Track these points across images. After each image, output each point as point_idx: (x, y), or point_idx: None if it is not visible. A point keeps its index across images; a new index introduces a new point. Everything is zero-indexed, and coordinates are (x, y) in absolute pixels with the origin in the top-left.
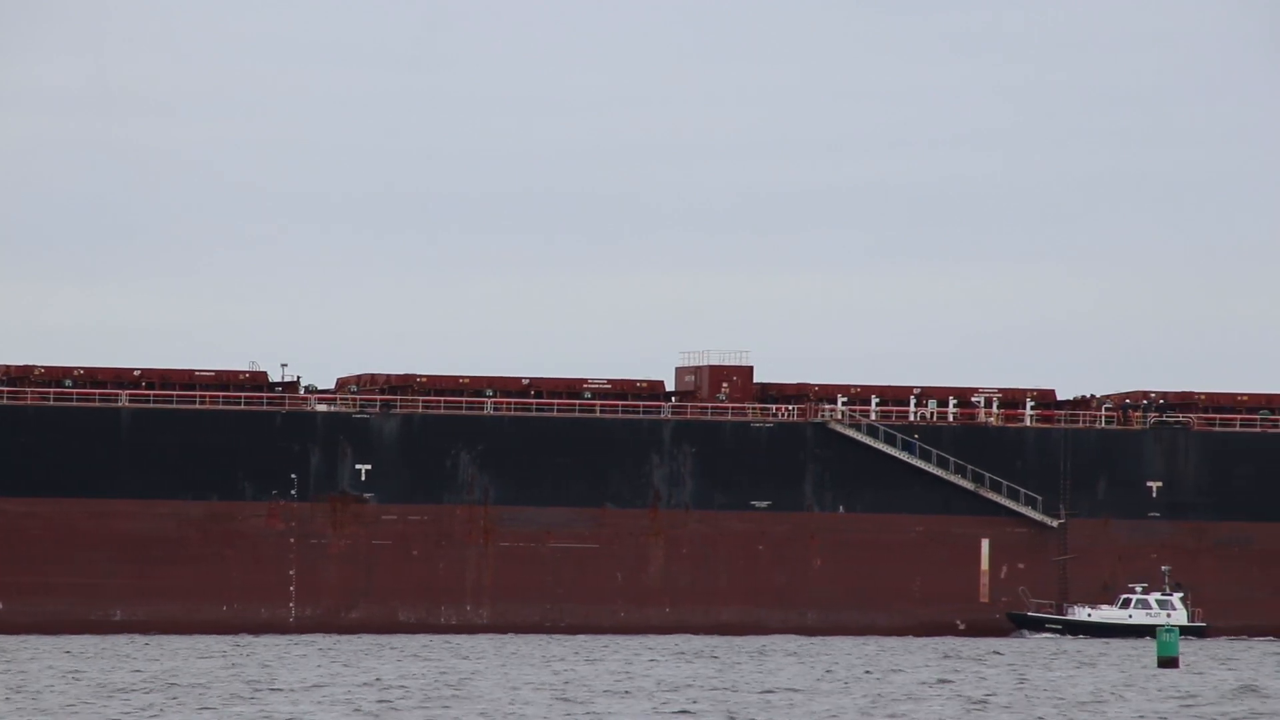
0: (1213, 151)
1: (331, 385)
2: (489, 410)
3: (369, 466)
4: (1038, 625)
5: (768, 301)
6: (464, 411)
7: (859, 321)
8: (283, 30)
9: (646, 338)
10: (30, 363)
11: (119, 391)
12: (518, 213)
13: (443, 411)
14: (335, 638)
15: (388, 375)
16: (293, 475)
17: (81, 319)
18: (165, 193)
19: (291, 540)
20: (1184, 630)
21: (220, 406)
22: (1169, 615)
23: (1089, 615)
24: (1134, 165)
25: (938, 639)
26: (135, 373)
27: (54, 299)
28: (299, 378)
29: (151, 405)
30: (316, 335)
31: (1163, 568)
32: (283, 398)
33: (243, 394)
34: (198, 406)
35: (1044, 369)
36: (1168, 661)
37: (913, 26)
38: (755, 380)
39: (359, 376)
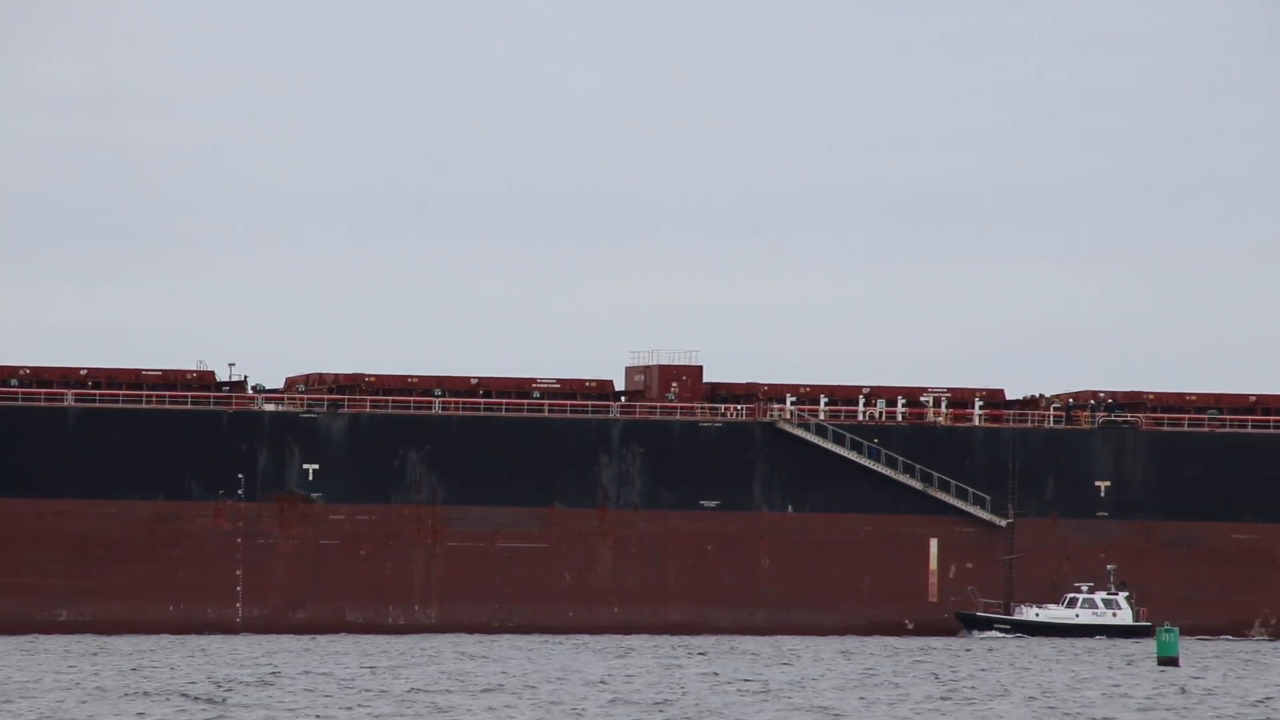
0: (1213, 151)
1: (280, 385)
2: (437, 410)
3: (316, 466)
4: (986, 625)
5: (718, 301)
6: (412, 411)
7: (825, 322)
8: (283, 30)
9: (597, 337)
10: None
11: (65, 391)
12: (474, 214)
13: (391, 411)
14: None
15: (336, 375)
16: (240, 475)
17: (81, 319)
18: (165, 193)
19: (238, 540)
20: (1129, 630)
21: (167, 406)
22: (1114, 615)
23: (1036, 615)
24: (1134, 165)
25: (889, 638)
26: (82, 372)
27: (54, 299)
28: (246, 377)
29: (98, 405)
30: (268, 334)
31: (1108, 567)
32: (230, 397)
33: (190, 393)
34: (144, 406)
35: (1015, 369)
36: (1168, 661)
37: (913, 26)
38: (705, 380)
39: (307, 376)
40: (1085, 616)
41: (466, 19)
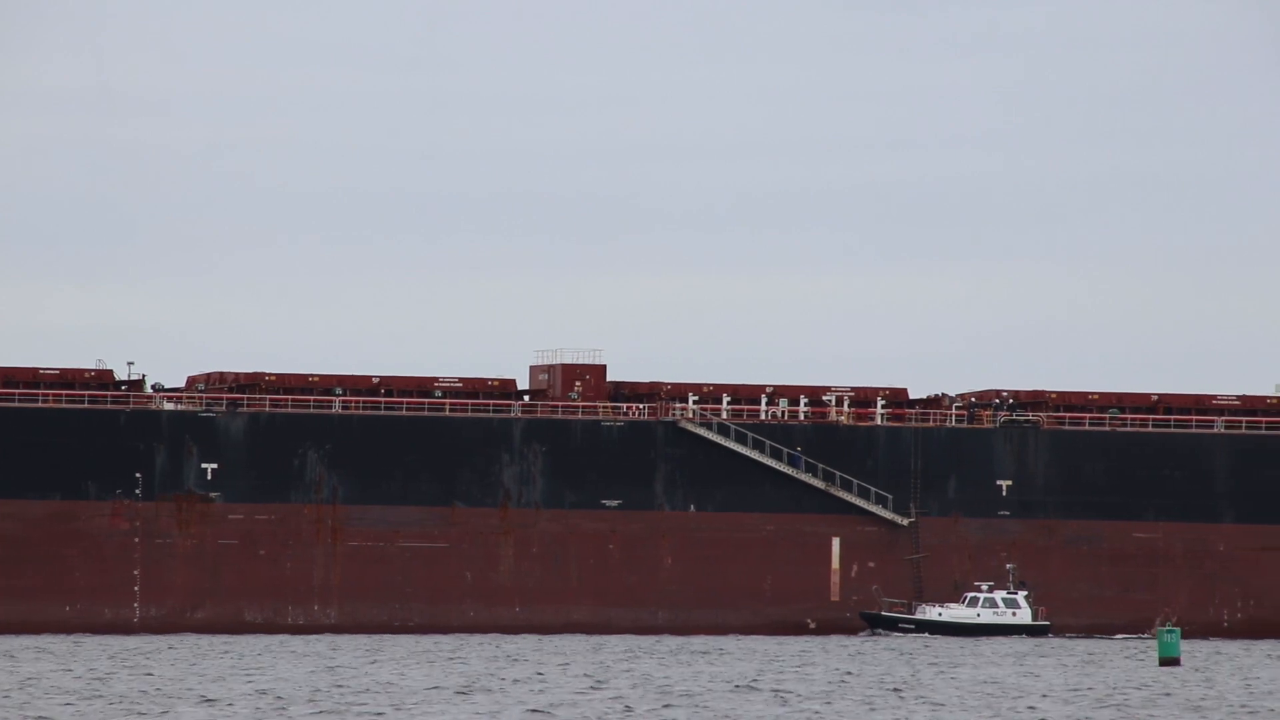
0: (1212, 151)
1: (182, 384)
2: (337, 409)
3: (215, 465)
4: (890, 625)
5: (622, 303)
6: (312, 410)
7: (735, 323)
8: (283, 30)
9: (502, 336)
10: None
11: None
12: (380, 214)
13: (290, 410)
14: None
15: (236, 374)
16: (137, 474)
17: (81, 319)
18: (165, 193)
19: (136, 540)
20: (1027, 629)
21: (64, 405)
22: (1014, 614)
23: (939, 614)
24: (1133, 165)
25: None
26: None
27: (53, 299)
28: (144, 376)
29: None
30: (171, 333)
31: (1008, 566)
32: (128, 396)
33: (87, 392)
34: (40, 405)
35: (920, 370)
36: (1169, 661)
37: (912, 26)
38: (608, 379)
39: (208, 375)
40: (986, 616)
41: (466, 19)
